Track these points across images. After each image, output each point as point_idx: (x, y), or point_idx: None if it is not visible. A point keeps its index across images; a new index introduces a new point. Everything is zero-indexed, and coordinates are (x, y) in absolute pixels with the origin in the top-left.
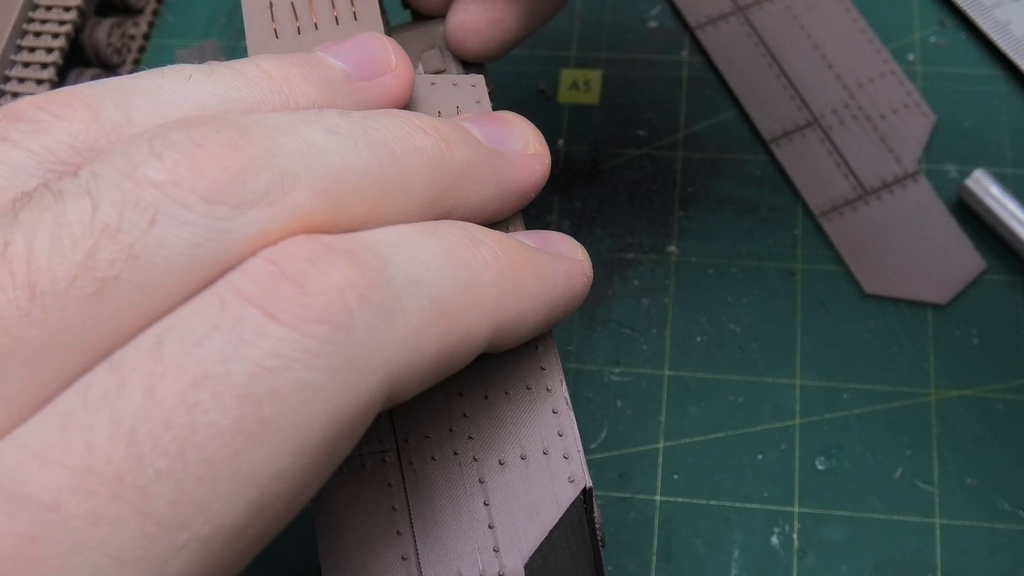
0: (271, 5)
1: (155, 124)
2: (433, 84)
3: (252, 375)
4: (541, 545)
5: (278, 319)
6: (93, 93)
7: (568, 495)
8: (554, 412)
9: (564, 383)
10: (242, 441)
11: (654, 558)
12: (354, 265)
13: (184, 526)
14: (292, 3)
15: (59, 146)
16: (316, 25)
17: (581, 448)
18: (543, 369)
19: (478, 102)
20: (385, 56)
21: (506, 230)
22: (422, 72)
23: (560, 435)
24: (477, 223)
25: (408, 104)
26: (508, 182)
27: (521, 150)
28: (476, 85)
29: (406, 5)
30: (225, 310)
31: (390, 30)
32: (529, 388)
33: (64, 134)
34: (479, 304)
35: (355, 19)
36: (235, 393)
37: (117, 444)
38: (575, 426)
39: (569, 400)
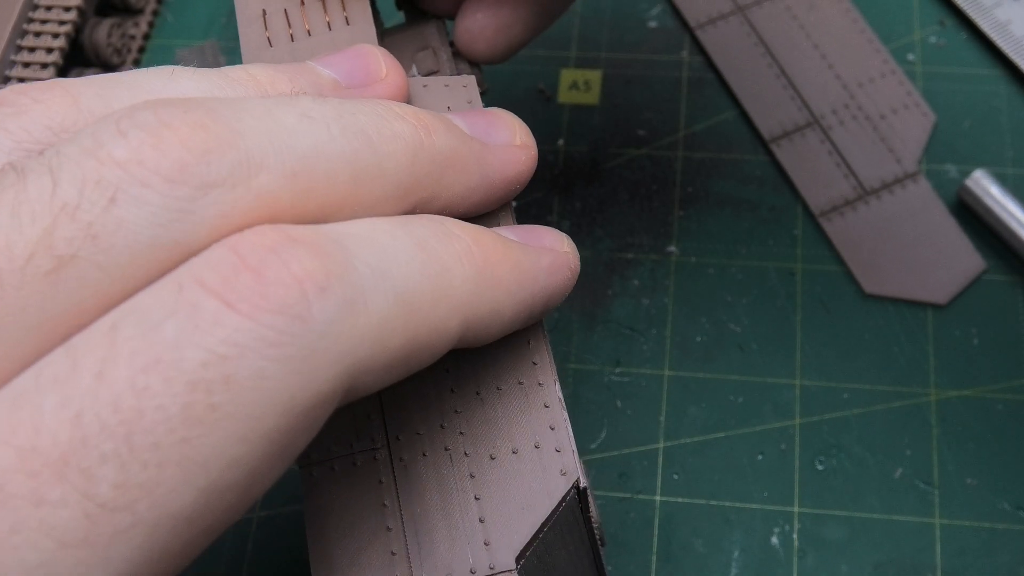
0: (264, 13)
1: None
2: (425, 87)
3: (204, 362)
4: (536, 544)
5: (235, 308)
6: (75, 82)
7: (560, 488)
8: (546, 406)
9: (556, 378)
10: (191, 427)
11: (654, 558)
12: (316, 256)
13: (128, 509)
14: (285, 10)
15: (36, 127)
16: (309, 32)
17: (574, 444)
18: (535, 364)
19: (469, 102)
20: (376, 66)
21: (495, 223)
22: (416, 74)
23: (552, 429)
24: (461, 214)
25: (402, 83)
26: (493, 172)
27: (507, 141)
28: (468, 86)
29: (400, 6)
30: (182, 297)
31: (384, 32)
32: (521, 383)
33: (42, 116)
34: (449, 298)
35: (348, 24)
36: (186, 379)
37: (63, 425)
38: (567, 421)
39: (561, 395)
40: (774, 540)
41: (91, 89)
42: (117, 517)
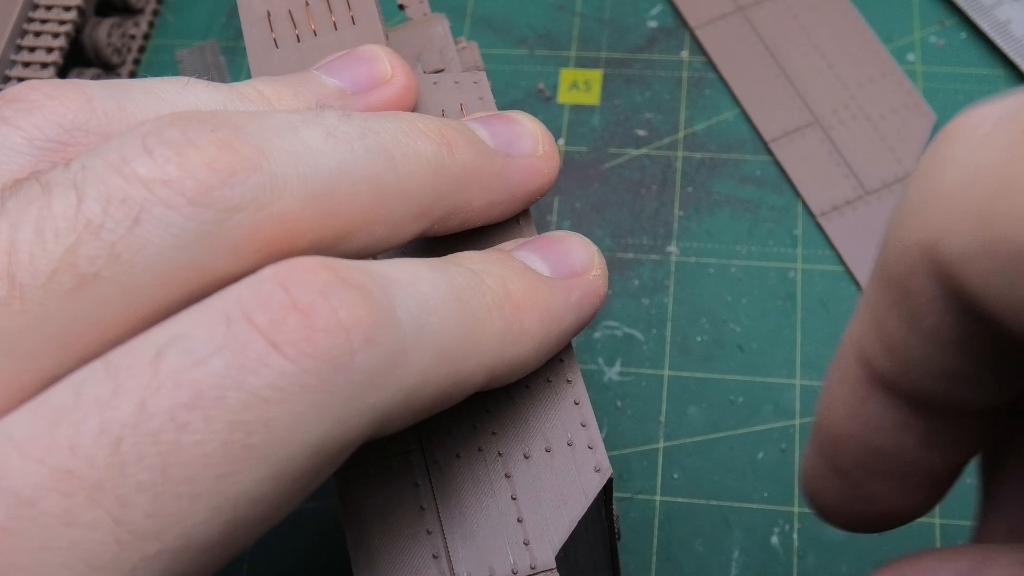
0: (269, 14)
1: (148, 115)
2: (435, 84)
3: (246, 404)
4: (569, 535)
5: (281, 351)
6: (89, 83)
7: (595, 485)
8: (576, 403)
9: (581, 375)
10: (226, 465)
11: (654, 558)
12: (364, 304)
13: (157, 538)
14: (290, 11)
15: (49, 124)
16: (315, 32)
17: (600, 440)
18: (562, 361)
19: (481, 99)
20: (381, 68)
21: (517, 235)
22: (421, 72)
23: (583, 426)
24: (480, 224)
25: (430, 104)
26: (515, 186)
27: (530, 152)
28: (479, 83)
29: (402, 7)
30: (231, 332)
31: (387, 32)
32: (549, 380)
33: (55, 114)
34: (479, 352)
35: (353, 23)
36: (227, 419)
37: (102, 451)
38: (594, 417)
39: (586, 392)
40: (774, 540)
41: (105, 91)
42: (146, 545)
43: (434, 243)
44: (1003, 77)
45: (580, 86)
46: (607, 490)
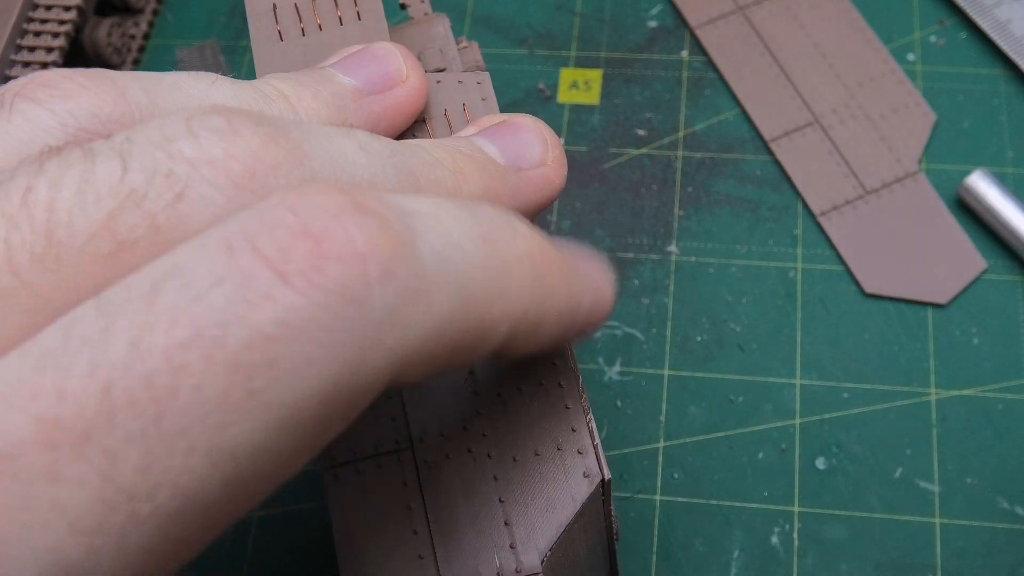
0: (275, 7)
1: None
2: (438, 82)
3: (249, 342)
4: (562, 536)
5: (289, 282)
6: (121, 74)
7: (583, 490)
8: (567, 407)
9: (579, 377)
10: (226, 413)
11: (654, 558)
12: (383, 232)
13: (149, 497)
14: (296, 5)
15: (84, 113)
16: (320, 26)
17: (599, 441)
18: (555, 365)
19: (484, 99)
20: (397, 68)
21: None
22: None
23: (573, 430)
24: None
25: (433, 103)
26: (525, 200)
27: (540, 161)
28: (482, 82)
29: (403, 6)
30: (233, 263)
31: (388, 31)
32: (542, 384)
33: (89, 103)
34: (505, 301)
35: (359, 19)
36: (227, 360)
37: (90, 396)
38: (591, 420)
39: (585, 394)
40: (774, 540)
41: (136, 83)
42: (136, 504)
43: None
44: (1003, 77)
45: (580, 86)
46: (605, 492)
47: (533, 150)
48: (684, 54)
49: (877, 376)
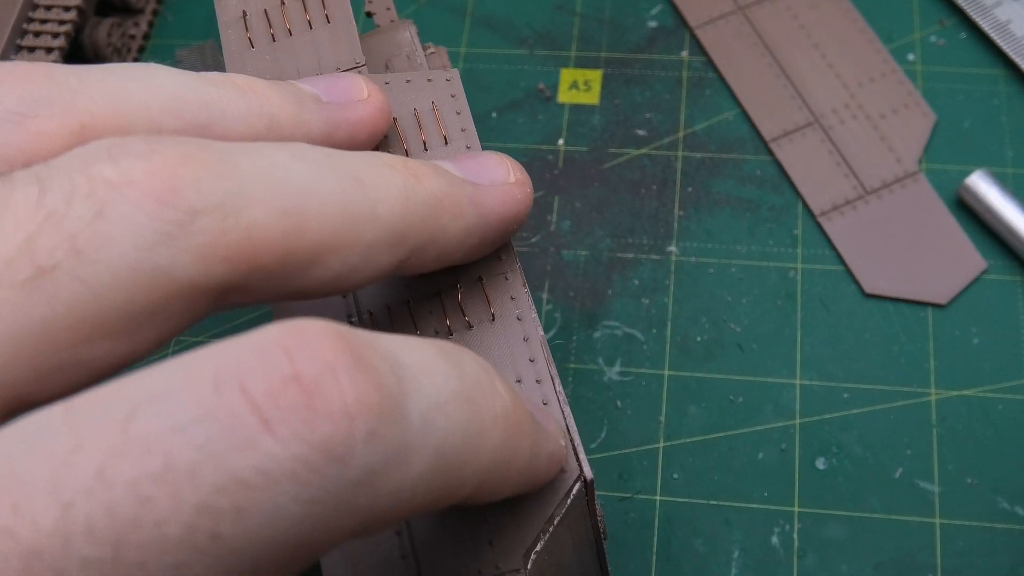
0: (245, 14)
1: (111, 91)
2: (408, 81)
3: (222, 486)
4: (547, 538)
5: (272, 430)
6: (51, 64)
7: (563, 485)
8: (545, 404)
9: (554, 375)
10: (186, 554)
11: (654, 558)
12: (376, 390)
13: None
14: (265, 11)
15: (9, 97)
16: (290, 31)
17: (579, 441)
18: (532, 362)
19: (453, 96)
20: (357, 88)
21: (503, 278)
22: (393, 73)
23: (544, 404)
24: (460, 258)
25: (402, 103)
26: (488, 211)
27: (501, 180)
28: (451, 79)
29: (370, 14)
30: (219, 400)
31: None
32: (519, 382)
33: (15, 88)
34: (475, 463)
35: (328, 22)
36: (196, 500)
37: (48, 513)
38: (571, 417)
39: (562, 395)
40: (774, 540)
41: (67, 68)
42: None
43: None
44: (1003, 77)
45: (580, 86)
46: (589, 489)
47: (493, 171)
48: (684, 54)
49: (877, 376)
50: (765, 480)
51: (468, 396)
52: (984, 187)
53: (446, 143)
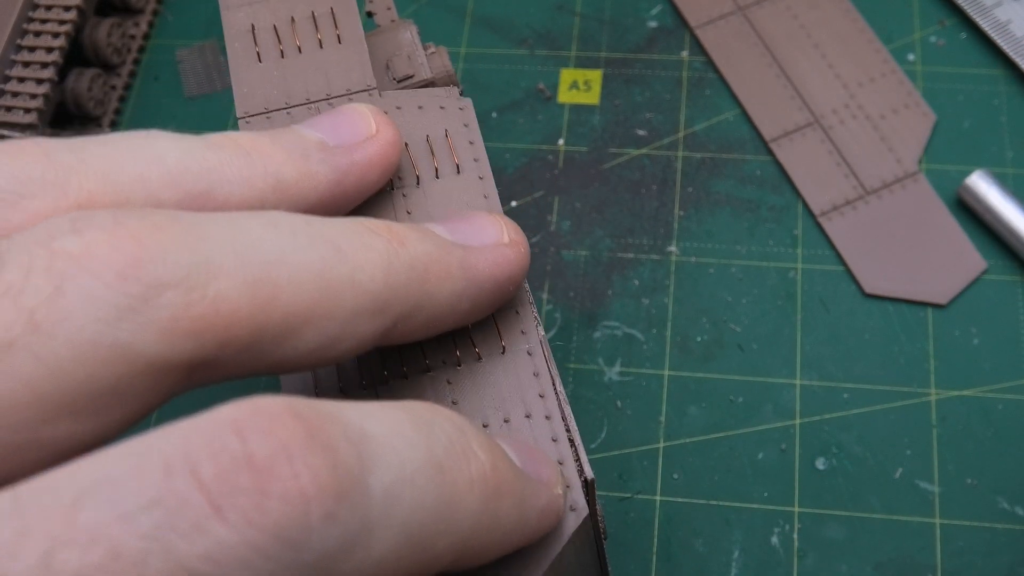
0: (253, 28)
1: (109, 166)
2: (420, 108)
3: (170, 575)
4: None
5: (224, 516)
6: (48, 140)
7: (570, 525)
8: (546, 418)
9: (555, 381)
10: None
11: (654, 558)
12: (331, 469)
13: None
14: (275, 26)
15: (4, 177)
16: (300, 49)
17: (580, 443)
18: (541, 397)
19: (466, 125)
20: (365, 123)
21: (514, 312)
22: (391, 79)
23: (561, 463)
24: (451, 325)
25: (414, 129)
26: (479, 275)
27: (495, 241)
28: (464, 108)
29: (370, 14)
30: (168, 485)
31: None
32: (529, 416)
33: (10, 166)
34: (451, 533)
35: (339, 42)
36: None
37: None
38: (568, 431)
39: (563, 399)
40: (774, 540)
41: (63, 144)
42: None
43: None
44: (1003, 77)
45: (580, 86)
46: (590, 491)
47: (485, 232)
48: (684, 54)
49: (877, 376)
50: (765, 480)
51: (439, 464)
52: (984, 187)
53: (458, 172)
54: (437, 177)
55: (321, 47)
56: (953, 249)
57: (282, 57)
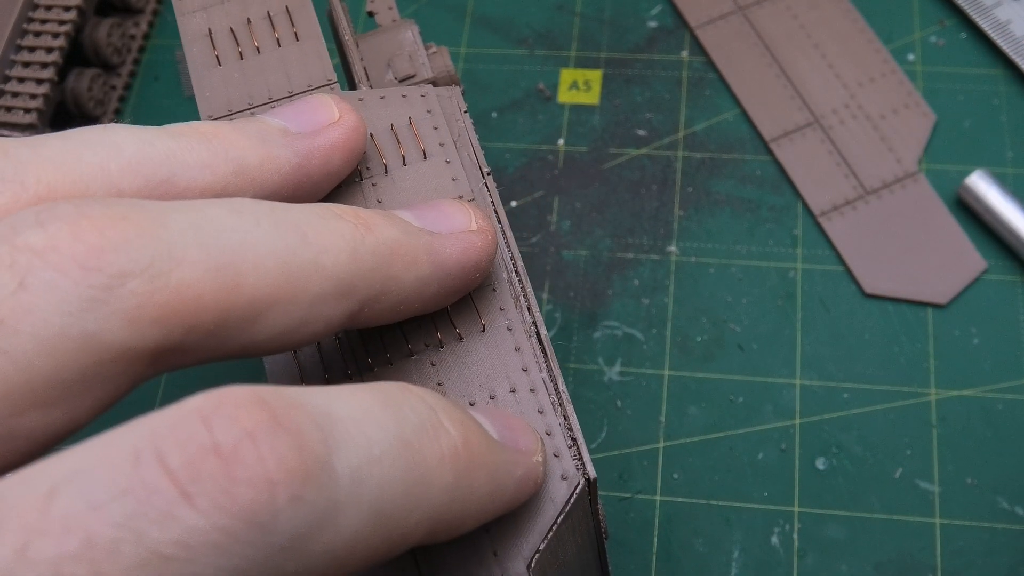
0: (210, 32)
1: (66, 159)
2: (382, 98)
3: (144, 561)
4: (550, 540)
5: (193, 502)
6: (5, 139)
7: (563, 493)
8: (539, 412)
9: (552, 376)
10: None
11: (654, 558)
12: (297, 451)
13: None
14: (231, 29)
15: None
16: (258, 49)
17: (582, 439)
18: (525, 371)
19: (429, 111)
20: (327, 110)
21: (491, 290)
22: (392, 78)
23: (548, 435)
24: (417, 309)
25: (378, 119)
26: (446, 260)
27: (462, 227)
28: (426, 95)
29: (371, 14)
30: (137, 474)
31: (356, 39)
32: (513, 391)
33: None
34: (423, 508)
35: (297, 40)
36: None
37: None
38: (565, 423)
39: (563, 393)
40: (774, 540)
41: (20, 141)
42: None
43: None
44: (1003, 77)
45: (580, 86)
46: (592, 491)
47: (454, 218)
48: (684, 54)
49: (877, 376)
50: (765, 480)
51: (408, 442)
52: (984, 187)
53: (425, 158)
54: (404, 164)
55: (279, 46)
56: (953, 249)
57: (241, 59)
